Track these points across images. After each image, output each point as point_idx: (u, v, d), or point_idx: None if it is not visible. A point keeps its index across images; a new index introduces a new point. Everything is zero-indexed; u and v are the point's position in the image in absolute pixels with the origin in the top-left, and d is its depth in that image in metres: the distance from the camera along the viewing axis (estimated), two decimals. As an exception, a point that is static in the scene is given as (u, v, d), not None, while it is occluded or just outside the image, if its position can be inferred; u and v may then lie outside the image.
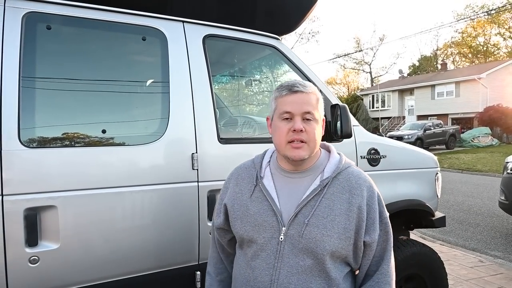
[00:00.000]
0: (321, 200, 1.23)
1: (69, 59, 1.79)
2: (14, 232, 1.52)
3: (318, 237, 1.20)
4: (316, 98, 1.29)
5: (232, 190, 1.38)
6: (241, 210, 1.32)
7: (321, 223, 1.21)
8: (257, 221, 1.27)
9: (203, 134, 1.93)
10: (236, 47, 2.38)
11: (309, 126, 1.24)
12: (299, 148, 1.23)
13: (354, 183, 1.27)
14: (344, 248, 1.22)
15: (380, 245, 1.28)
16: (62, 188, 1.61)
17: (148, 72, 1.98)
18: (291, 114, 1.24)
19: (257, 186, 1.32)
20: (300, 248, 1.21)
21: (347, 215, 1.22)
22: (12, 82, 1.56)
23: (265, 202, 1.28)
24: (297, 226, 1.22)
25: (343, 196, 1.24)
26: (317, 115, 1.27)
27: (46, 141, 1.64)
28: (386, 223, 1.29)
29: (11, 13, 1.62)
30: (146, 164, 1.79)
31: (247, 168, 1.40)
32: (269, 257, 1.24)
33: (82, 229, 1.65)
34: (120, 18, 1.85)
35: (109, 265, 1.72)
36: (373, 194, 1.28)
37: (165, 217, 1.83)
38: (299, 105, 1.24)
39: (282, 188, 1.30)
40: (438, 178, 2.95)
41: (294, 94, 1.25)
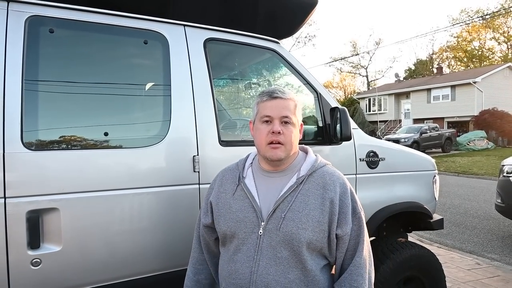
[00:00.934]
0: (297, 196, 1.34)
1: (72, 63, 1.80)
2: (16, 235, 1.52)
3: (294, 230, 1.30)
4: (294, 104, 1.41)
5: (217, 190, 1.50)
6: (225, 208, 1.43)
7: (296, 216, 1.31)
8: (239, 217, 1.38)
9: (204, 136, 1.94)
10: (236, 51, 2.40)
11: (287, 129, 1.36)
12: (276, 149, 1.36)
13: (328, 180, 1.37)
14: (318, 240, 1.31)
15: (354, 239, 1.35)
16: (65, 190, 1.61)
17: (149, 75, 2.00)
18: (270, 117, 1.37)
19: (239, 185, 1.44)
20: (277, 241, 1.31)
21: (321, 209, 1.32)
22: (15, 85, 1.57)
23: (246, 199, 1.39)
24: (274, 220, 1.32)
25: (317, 192, 1.35)
26: (294, 120, 1.40)
27: (48, 144, 1.64)
28: (359, 218, 1.37)
29: (14, 16, 1.64)
30: (148, 166, 1.80)
31: (231, 170, 1.52)
32: (249, 250, 1.34)
33: (84, 232, 1.66)
34: (122, 21, 1.87)
35: (111, 267, 1.72)
36: (346, 190, 1.37)
37: (167, 219, 1.84)
38: (277, 109, 1.37)
39: (262, 187, 1.41)
40: (436, 180, 2.98)
41: (274, 99, 1.38)
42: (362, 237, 1.36)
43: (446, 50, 46.10)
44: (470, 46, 44.29)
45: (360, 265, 1.34)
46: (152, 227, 1.81)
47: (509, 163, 5.62)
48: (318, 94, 2.38)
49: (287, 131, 1.36)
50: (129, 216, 1.75)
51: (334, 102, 2.41)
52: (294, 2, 2.34)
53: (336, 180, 1.38)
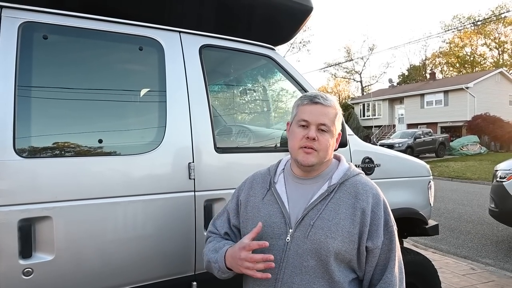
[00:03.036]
0: (327, 204, 1.29)
1: (66, 69, 1.78)
2: (7, 244, 1.49)
3: (322, 238, 1.25)
4: (335, 112, 1.36)
5: (247, 192, 1.46)
6: (253, 212, 1.40)
7: (326, 225, 1.26)
8: (267, 222, 1.33)
9: (200, 143, 1.93)
10: (232, 57, 2.40)
11: (322, 137, 1.32)
12: (309, 154, 1.31)
13: (360, 189, 1.31)
14: (347, 251, 1.26)
15: (385, 253, 1.29)
16: (58, 198, 1.59)
17: (145, 82, 1.98)
18: (307, 122, 1.32)
19: (270, 190, 1.40)
20: (304, 249, 1.26)
21: (351, 219, 1.27)
22: (8, 91, 1.55)
23: (275, 205, 1.35)
24: (303, 228, 1.28)
25: (348, 201, 1.29)
26: (333, 128, 1.34)
27: (41, 151, 1.62)
28: (391, 232, 1.31)
29: (7, 22, 1.62)
30: (142, 173, 1.78)
31: (262, 175, 1.49)
32: (275, 257, 1.27)
33: (77, 240, 1.63)
34: (117, 28, 1.86)
35: (104, 276, 1.70)
36: (379, 201, 1.31)
37: (161, 227, 1.81)
38: (316, 115, 1.32)
39: (293, 193, 1.37)
40: (430, 186, 2.99)
41: (314, 105, 1.34)
42: (394, 252, 1.29)
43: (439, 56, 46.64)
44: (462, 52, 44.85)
45: (391, 282, 1.28)
46: (146, 235, 1.78)
47: (502, 168, 5.67)
48: (314, 100, 2.37)
49: (322, 138, 1.32)
50: (123, 224, 1.73)
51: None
52: (289, 8, 2.35)
53: (369, 190, 1.32)
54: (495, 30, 42.11)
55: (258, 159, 2.10)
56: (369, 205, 1.29)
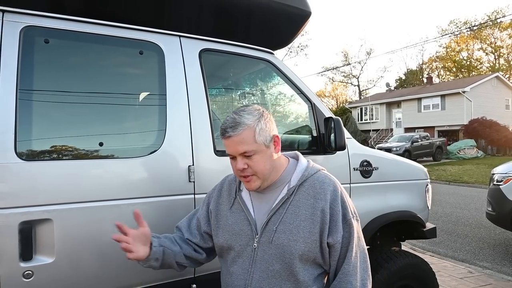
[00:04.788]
0: (288, 208, 1.34)
1: (67, 73, 1.79)
2: (8, 246, 1.49)
3: (285, 242, 1.30)
4: (251, 133, 1.31)
5: (216, 201, 1.53)
6: (223, 221, 1.46)
7: (287, 228, 1.31)
8: (235, 230, 1.40)
9: (200, 146, 1.94)
10: (231, 61, 2.42)
11: (251, 161, 1.33)
12: (249, 182, 1.35)
13: (318, 188, 1.35)
14: (311, 250, 1.31)
15: (345, 246, 1.33)
16: (58, 201, 1.59)
17: (145, 86, 2.00)
18: (232, 155, 1.36)
19: (236, 198, 1.46)
20: (270, 254, 1.31)
21: (311, 219, 1.31)
22: (9, 95, 1.56)
23: (242, 213, 1.41)
24: (267, 233, 1.33)
25: (308, 201, 1.33)
26: (258, 147, 1.32)
27: (42, 154, 1.63)
28: (350, 225, 1.34)
29: (9, 27, 1.63)
30: (143, 176, 1.79)
31: (230, 182, 1.55)
32: (244, 263, 1.35)
33: (78, 243, 1.63)
34: (117, 32, 1.87)
35: (104, 279, 1.70)
36: (336, 198, 1.34)
37: (161, 230, 1.81)
38: (234, 147, 1.33)
39: (257, 200, 1.42)
40: (428, 189, 3.01)
41: (228, 139, 1.33)
42: (352, 244, 1.33)
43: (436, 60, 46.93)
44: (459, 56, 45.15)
45: (348, 272, 1.31)
46: (147, 238, 1.79)
47: (499, 172, 5.69)
48: (312, 104, 2.40)
49: (252, 162, 1.33)
50: (123, 227, 1.73)
51: (328, 112, 2.43)
52: (288, 13, 2.37)
53: (327, 188, 1.35)
54: (491, 35, 42.46)
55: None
56: (327, 203, 1.32)
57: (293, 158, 1.49)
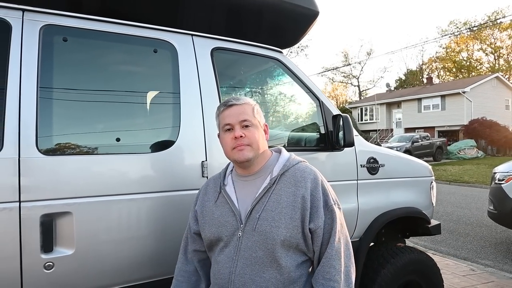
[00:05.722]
0: (270, 196, 1.39)
1: (84, 70, 1.84)
2: (30, 238, 1.54)
3: (267, 229, 1.34)
4: (251, 107, 1.48)
5: (201, 199, 1.57)
6: (209, 216, 1.50)
7: (269, 216, 1.36)
8: (220, 222, 1.44)
9: (212, 142, 1.99)
10: (241, 60, 2.46)
11: (248, 131, 1.43)
12: (242, 150, 1.41)
13: (299, 177, 1.41)
14: (293, 236, 1.34)
15: (328, 232, 1.37)
16: (77, 194, 1.64)
17: (159, 83, 2.04)
18: (231, 125, 1.44)
19: (221, 193, 1.51)
20: (253, 241, 1.36)
21: (292, 206, 1.36)
22: (30, 91, 1.60)
23: (226, 205, 1.46)
24: (251, 221, 1.38)
25: (289, 190, 1.39)
26: (255, 122, 1.46)
27: (62, 149, 1.67)
28: (332, 211, 1.39)
29: (29, 25, 1.68)
30: (158, 171, 1.84)
31: (215, 179, 1.59)
32: (230, 251, 1.40)
33: (96, 235, 1.68)
34: (132, 31, 1.92)
35: (121, 271, 1.74)
36: (317, 185, 1.40)
37: (176, 224, 1.86)
38: (235, 116, 1.44)
39: (241, 191, 1.48)
40: (433, 187, 3.05)
41: (230, 107, 1.45)
42: (334, 229, 1.37)
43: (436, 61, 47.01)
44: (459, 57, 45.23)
45: (331, 256, 1.34)
46: (161, 232, 1.83)
47: (501, 171, 5.74)
48: (320, 102, 2.44)
49: (249, 133, 1.43)
50: (139, 221, 1.78)
51: (336, 110, 2.48)
52: (296, 12, 2.42)
53: (308, 176, 1.41)
54: (491, 35, 42.54)
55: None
56: (308, 190, 1.37)
57: (277, 152, 1.56)
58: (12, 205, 1.51)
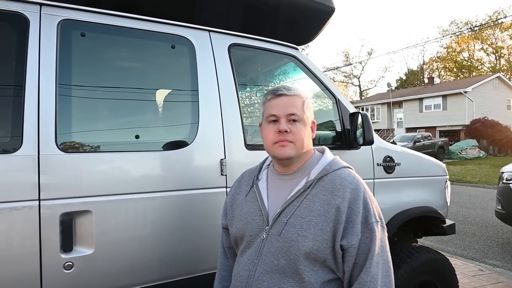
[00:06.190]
0: (302, 201, 1.25)
1: (103, 66, 1.81)
2: (50, 237, 1.51)
3: (293, 237, 1.21)
4: (301, 100, 1.31)
5: (233, 192, 1.47)
6: (238, 210, 1.40)
7: (298, 223, 1.22)
8: (247, 220, 1.33)
9: (231, 140, 1.95)
10: (257, 56, 2.43)
11: (295, 127, 1.28)
12: (285, 147, 1.27)
13: (338, 185, 1.24)
14: (320, 250, 1.19)
15: (363, 253, 1.18)
16: (97, 193, 1.60)
17: (178, 80, 2.01)
18: (276, 116, 1.29)
19: (252, 187, 1.39)
20: (277, 247, 1.23)
21: (325, 216, 1.20)
22: (49, 88, 1.57)
23: (255, 202, 1.34)
24: (278, 225, 1.25)
25: (324, 197, 1.23)
26: (304, 117, 1.30)
27: (81, 146, 1.64)
28: (371, 229, 1.19)
29: (46, 20, 1.64)
30: (177, 169, 1.80)
31: (250, 172, 1.48)
32: (252, 253, 1.28)
33: (116, 234, 1.65)
34: (150, 26, 1.88)
35: (141, 271, 1.71)
36: (357, 197, 1.21)
37: (194, 223, 1.83)
38: (283, 107, 1.28)
39: (273, 189, 1.35)
40: (447, 186, 3.02)
41: (279, 97, 1.30)
42: (372, 251, 1.17)
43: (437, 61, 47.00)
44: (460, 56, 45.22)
45: (365, 283, 1.15)
46: (180, 231, 1.80)
47: (509, 170, 5.71)
48: (337, 99, 2.41)
49: (295, 128, 1.27)
50: (158, 219, 1.75)
51: (352, 108, 2.44)
52: (313, 9, 2.38)
53: (348, 185, 1.23)
54: (492, 35, 42.53)
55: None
56: (345, 201, 1.20)
57: (320, 152, 1.41)
58: (32, 204, 1.48)
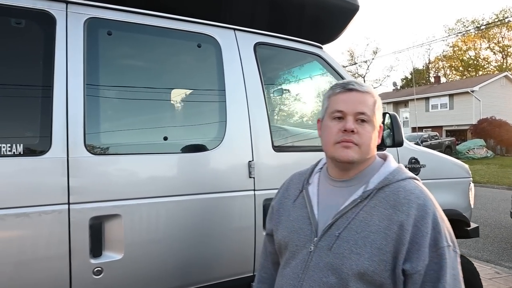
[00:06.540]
0: (358, 213, 1.09)
1: (129, 66, 1.77)
2: (79, 242, 1.47)
3: (346, 253, 1.06)
4: (373, 100, 1.16)
5: (281, 195, 1.34)
6: (285, 215, 1.27)
7: (352, 238, 1.07)
8: (294, 227, 1.20)
9: (259, 141, 1.90)
10: (281, 55, 2.38)
11: (363, 128, 1.11)
12: (348, 148, 1.11)
13: (402, 198, 1.07)
14: (376, 272, 1.04)
15: (431, 281, 1.02)
16: (126, 196, 1.56)
17: (205, 80, 1.96)
18: (343, 113, 1.12)
19: (302, 192, 1.26)
20: (326, 262, 1.09)
21: (385, 233, 1.04)
22: (77, 88, 1.53)
23: (304, 209, 1.21)
24: (328, 238, 1.10)
25: (385, 211, 1.07)
26: (373, 118, 1.14)
27: (108, 148, 1.60)
28: (442, 255, 1.03)
29: (73, 18, 1.60)
30: (205, 171, 1.76)
31: (300, 174, 1.35)
32: (296, 266, 1.15)
33: (144, 239, 1.60)
34: (176, 25, 1.84)
35: (169, 276, 1.67)
36: (426, 215, 1.05)
37: (222, 227, 1.79)
38: (352, 104, 1.12)
39: (325, 197, 1.20)
40: (471, 188, 2.95)
41: (349, 92, 1.14)
42: (442, 281, 1.01)
43: (442, 60, 46.71)
44: (466, 55, 44.91)
45: None
46: (208, 235, 1.76)
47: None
48: (362, 99, 2.35)
49: (363, 130, 1.11)
50: (186, 224, 1.70)
51: (379, 108, 2.38)
52: (337, 7, 2.33)
53: (414, 200, 1.06)
54: (499, 34, 42.19)
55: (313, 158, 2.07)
56: (410, 218, 1.04)
57: (381, 158, 1.23)
58: (61, 208, 1.44)
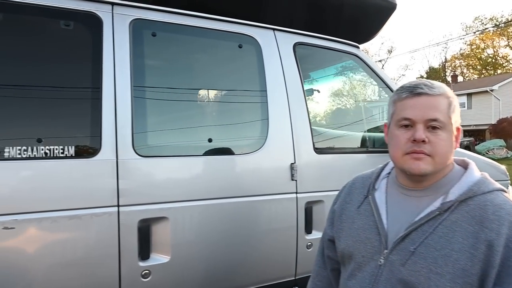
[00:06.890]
0: (437, 227, 0.98)
1: (173, 67, 1.76)
2: (128, 245, 1.46)
3: (423, 272, 0.96)
4: (447, 102, 1.03)
5: (343, 199, 1.24)
6: (348, 222, 1.17)
7: (431, 255, 0.96)
8: (359, 237, 1.10)
9: (300, 143, 1.87)
10: (319, 55, 2.34)
11: (436, 136, 1.00)
12: (419, 160, 1.00)
13: (490, 214, 0.95)
14: None
15: None
16: (173, 198, 1.55)
17: (247, 81, 1.94)
18: (411, 120, 1.02)
19: (367, 197, 1.15)
20: (399, 279, 1.00)
21: (470, 253, 0.93)
22: (124, 89, 1.52)
23: (371, 217, 1.11)
24: (401, 252, 1.00)
25: (470, 227, 0.96)
26: (448, 122, 1.01)
27: (157, 150, 1.59)
28: None
29: (119, 19, 1.60)
30: (249, 174, 1.74)
31: (364, 178, 1.23)
32: (364, 280, 1.06)
33: (191, 242, 1.59)
34: (219, 25, 1.82)
35: (214, 279, 1.65)
36: None
37: (265, 230, 1.76)
38: (422, 110, 1.01)
39: (394, 205, 1.10)
40: (510, 190, 2.86)
41: (417, 97, 1.02)
42: None
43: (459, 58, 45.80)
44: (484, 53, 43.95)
45: None
46: (251, 238, 1.73)
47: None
48: (400, 99, 2.30)
49: (436, 138, 1.00)
50: (230, 227, 1.68)
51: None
52: (375, 7, 2.28)
53: (505, 217, 0.94)
54: (519, 31, 41.14)
55: (355, 160, 2.03)
56: (501, 238, 0.92)
57: (460, 165, 1.10)
58: (111, 210, 1.43)
